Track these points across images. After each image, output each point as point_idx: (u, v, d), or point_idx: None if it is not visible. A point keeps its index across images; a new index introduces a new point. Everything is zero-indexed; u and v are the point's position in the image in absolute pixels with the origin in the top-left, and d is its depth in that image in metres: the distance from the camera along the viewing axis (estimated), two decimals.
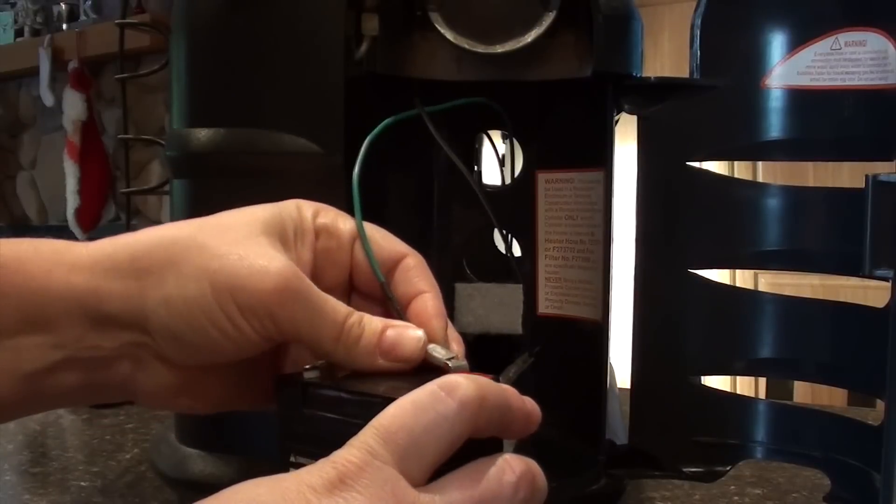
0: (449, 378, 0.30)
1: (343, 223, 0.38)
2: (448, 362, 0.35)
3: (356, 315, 0.35)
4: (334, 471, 0.28)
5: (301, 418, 0.33)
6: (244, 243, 0.33)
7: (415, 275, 0.38)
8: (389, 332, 0.35)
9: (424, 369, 0.35)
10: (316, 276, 0.36)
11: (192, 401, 0.37)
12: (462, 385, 0.30)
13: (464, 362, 0.35)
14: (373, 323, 0.35)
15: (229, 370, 0.36)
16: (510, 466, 0.31)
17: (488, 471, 0.30)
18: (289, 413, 0.33)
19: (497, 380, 0.33)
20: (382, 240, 0.38)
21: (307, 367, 0.35)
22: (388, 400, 0.30)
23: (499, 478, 0.30)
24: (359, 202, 0.38)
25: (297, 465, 0.32)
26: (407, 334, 0.35)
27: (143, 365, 0.34)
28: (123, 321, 0.33)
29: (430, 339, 0.36)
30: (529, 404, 0.33)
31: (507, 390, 0.32)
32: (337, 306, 0.34)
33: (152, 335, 0.33)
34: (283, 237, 0.35)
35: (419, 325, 0.36)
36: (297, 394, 0.33)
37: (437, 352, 0.35)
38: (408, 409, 0.29)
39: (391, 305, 0.37)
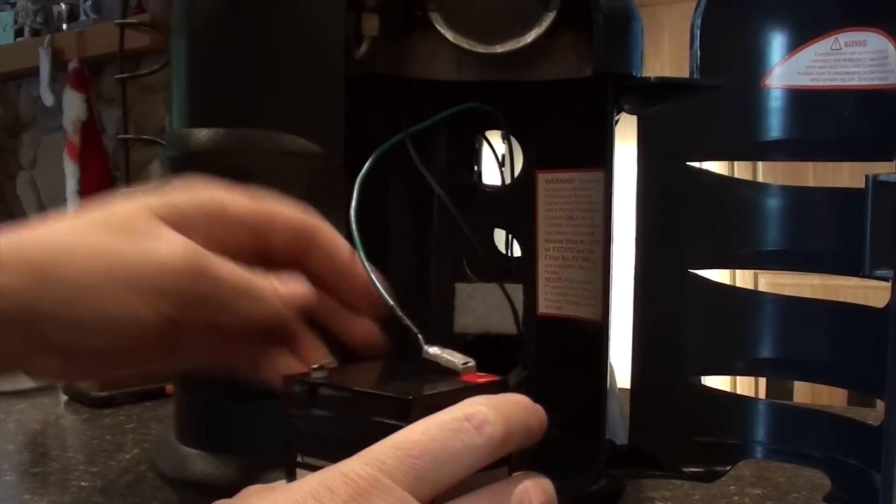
0: (478, 410, 0.30)
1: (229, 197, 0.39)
2: (457, 363, 0.34)
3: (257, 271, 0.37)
4: (344, 486, 0.27)
5: (309, 418, 0.33)
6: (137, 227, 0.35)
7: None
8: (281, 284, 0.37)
9: (433, 370, 0.35)
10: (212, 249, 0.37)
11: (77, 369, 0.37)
12: (490, 421, 0.30)
13: (472, 363, 0.35)
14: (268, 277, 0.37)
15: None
16: (529, 497, 0.31)
17: (507, 499, 0.30)
18: (296, 413, 0.33)
19: (507, 382, 0.32)
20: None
21: (314, 366, 0.35)
22: (398, 400, 0.30)
23: None
24: (359, 239, 0.40)
25: (305, 465, 0.32)
26: (294, 283, 0.38)
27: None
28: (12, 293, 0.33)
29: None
30: (542, 414, 0.33)
31: (525, 409, 0.32)
32: (238, 268, 0.36)
33: (42, 320, 0.33)
34: (173, 220, 0.36)
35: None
36: (304, 394, 0.33)
37: (448, 354, 0.35)
38: (434, 434, 0.29)
39: (376, 290, 0.39)
